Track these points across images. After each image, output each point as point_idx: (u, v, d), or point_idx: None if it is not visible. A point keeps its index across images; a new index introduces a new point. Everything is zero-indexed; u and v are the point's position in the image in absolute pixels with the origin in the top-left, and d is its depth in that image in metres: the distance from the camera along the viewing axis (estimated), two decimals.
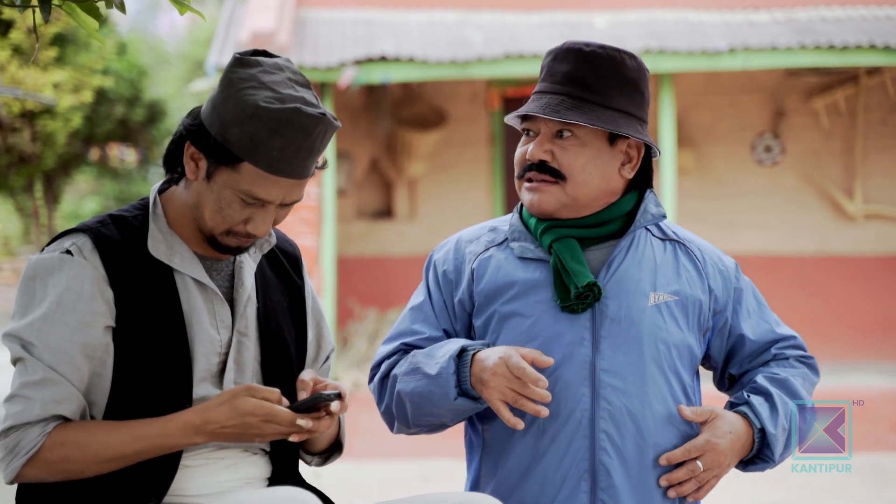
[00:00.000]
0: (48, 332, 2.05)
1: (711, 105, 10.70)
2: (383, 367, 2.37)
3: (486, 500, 2.16)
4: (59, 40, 16.37)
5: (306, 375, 2.13)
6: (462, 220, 10.56)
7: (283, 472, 2.24)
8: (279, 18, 9.35)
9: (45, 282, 2.08)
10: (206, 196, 2.12)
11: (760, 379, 2.36)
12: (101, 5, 2.24)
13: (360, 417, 8.70)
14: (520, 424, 2.17)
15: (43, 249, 2.13)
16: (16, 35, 13.06)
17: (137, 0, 26.05)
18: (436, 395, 2.24)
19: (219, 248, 2.16)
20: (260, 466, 2.22)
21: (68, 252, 2.08)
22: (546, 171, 2.31)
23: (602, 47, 2.32)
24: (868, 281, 10.60)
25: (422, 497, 2.19)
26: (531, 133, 2.35)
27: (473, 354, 2.23)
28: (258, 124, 2.05)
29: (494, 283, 2.34)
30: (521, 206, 2.42)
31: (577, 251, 2.29)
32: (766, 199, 10.70)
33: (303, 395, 2.11)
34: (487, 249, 2.39)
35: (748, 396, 2.33)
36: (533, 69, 8.91)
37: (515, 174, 2.38)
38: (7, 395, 2.06)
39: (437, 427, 2.35)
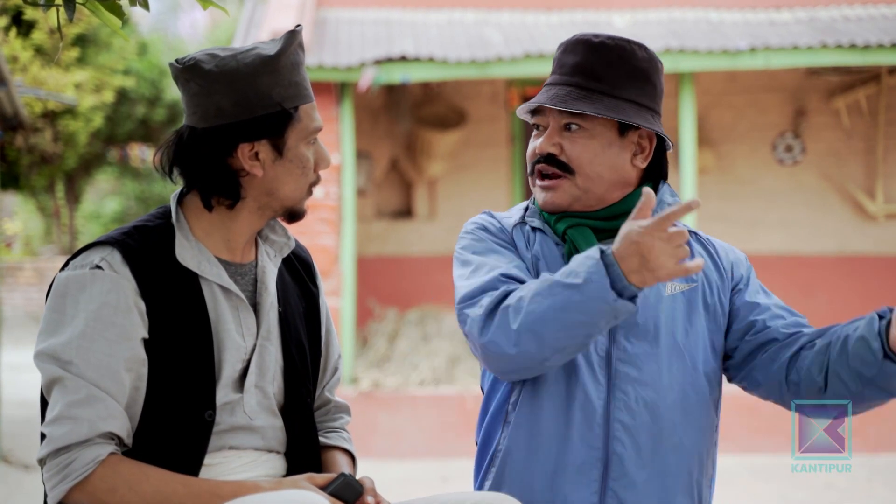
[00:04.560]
0: (88, 349, 2.02)
1: (732, 104, 10.66)
2: (487, 300, 2.17)
3: (505, 499, 2.16)
4: (81, 41, 16.43)
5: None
6: None
7: (299, 470, 2.24)
8: (299, 18, 9.36)
9: (76, 298, 2.05)
10: (284, 172, 2.14)
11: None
12: (124, 3, 2.25)
13: (380, 417, 8.71)
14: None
15: (67, 264, 2.11)
16: (38, 35, 13.12)
17: (158, 0, 26.14)
18: (587, 303, 2.05)
19: (295, 216, 2.20)
20: (276, 465, 2.23)
21: (98, 267, 2.07)
22: (554, 164, 2.30)
23: (611, 38, 2.32)
24: (890, 281, 10.55)
25: (440, 496, 2.19)
26: (541, 128, 2.35)
27: (613, 253, 2.06)
28: (284, 71, 2.10)
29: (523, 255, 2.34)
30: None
31: (591, 237, 2.28)
32: (787, 198, 10.65)
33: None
34: (518, 224, 2.37)
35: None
36: None
37: (528, 170, 2.37)
38: (51, 417, 2.02)
39: (570, 348, 2.14)
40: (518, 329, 2.11)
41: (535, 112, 2.35)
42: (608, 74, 2.29)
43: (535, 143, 2.34)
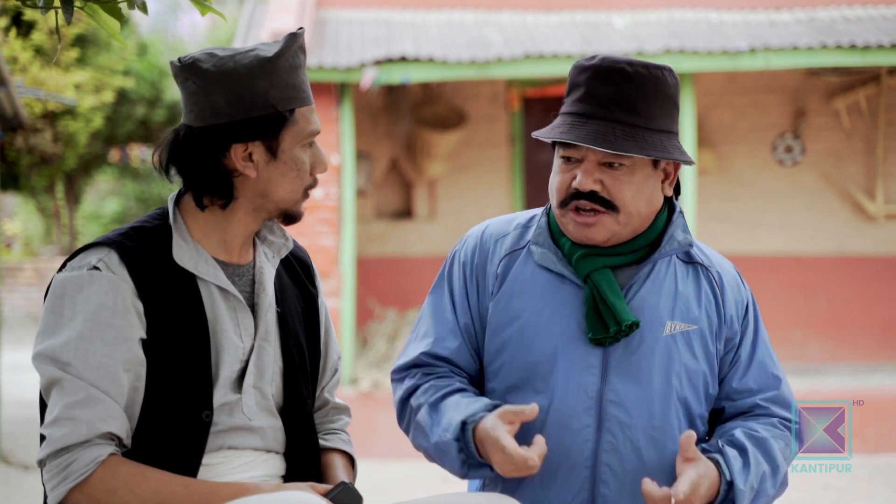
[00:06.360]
0: (86, 350, 2.03)
1: (732, 105, 10.66)
2: (404, 387, 2.38)
3: (505, 500, 2.16)
4: (81, 41, 16.43)
5: None
6: (481, 220, 10.53)
7: (298, 471, 2.25)
8: (299, 19, 9.36)
9: (73, 299, 2.06)
10: (278, 174, 2.14)
11: (739, 433, 2.26)
12: (122, 6, 2.25)
13: (380, 418, 8.70)
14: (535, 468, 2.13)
15: (65, 265, 2.11)
16: (38, 36, 13.11)
17: (158, 1, 26.14)
18: (445, 463, 2.26)
19: (290, 218, 2.20)
20: (275, 465, 2.23)
21: (96, 268, 2.07)
22: (597, 200, 2.23)
23: (645, 66, 2.23)
24: (890, 281, 10.54)
25: (440, 497, 2.19)
26: (572, 160, 2.25)
27: (474, 429, 2.18)
28: (280, 73, 2.11)
29: (510, 292, 2.31)
30: (549, 208, 2.36)
31: (614, 284, 2.24)
32: (787, 199, 10.65)
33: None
34: (512, 252, 2.34)
35: (722, 447, 2.24)
36: (553, 69, 8.90)
37: (556, 202, 2.28)
38: (50, 419, 2.02)
39: None
40: (411, 439, 2.40)
41: (566, 144, 2.26)
42: (646, 108, 2.21)
43: (568, 177, 2.25)
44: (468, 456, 2.18)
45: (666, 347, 2.25)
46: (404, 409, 2.38)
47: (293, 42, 2.13)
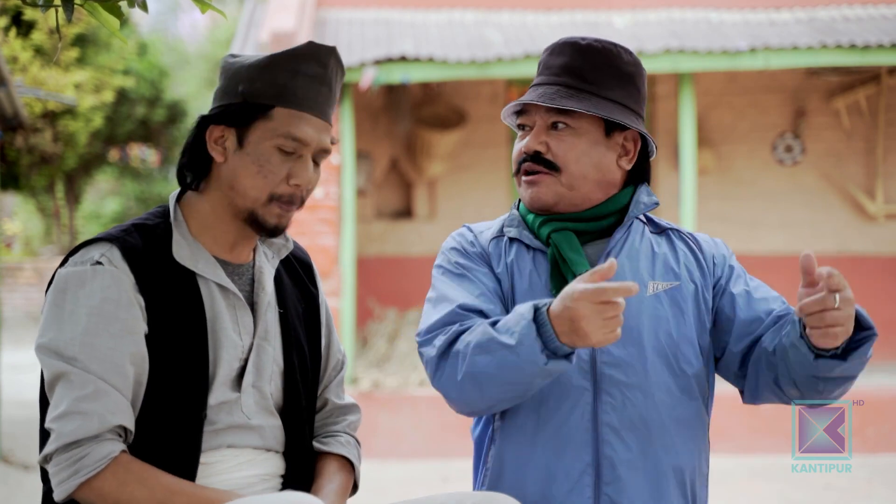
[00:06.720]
0: (92, 344, 2.03)
1: (732, 105, 10.66)
2: (441, 340, 2.19)
3: (505, 499, 2.15)
4: (81, 41, 16.44)
5: None
6: (481, 220, 10.52)
7: (297, 470, 2.26)
8: (299, 19, 9.36)
9: (76, 294, 2.07)
10: (241, 165, 2.15)
11: None
12: (122, 4, 2.26)
13: (381, 417, 8.71)
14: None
15: (66, 260, 2.13)
16: (38, 36, 13.12)
17: (158, 1, 26.15)
18: (520, 365, 2.06)
19: (260, 227, 2.17)
20: (275, 464, 2.24)
21: (98, 263, 2.08)
22: (541, 162, 2.31)
23: (598, 41, 2.35)
24: (890, 281, 10.54)
25: (440, 496, 2.19)
26: (527, 128, 2.36)
27: (547, 310, 2.03)
28: (277, 71, 2.13)
29: (502, 272, 2.34)
30: (520, 200, 2.43)
31: (574, 242, 2.29)
32: (787, 199, 10.65)
33: None
34: (496, 237, 2.39)
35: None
36: None
37: (514, 172, 2.38)
38: (57, 413, 2.02)
39: (511, 400, 2.17)
40: (462, 381, 2.14)
41: (520, 113, 2.37)
42: (595, 76, 2.31)
43: (521, 143, 2.35)
44: (546, 340, 2.02)
45: (652, 306, 2.29)
46: (446, 358, 2.18)
47: (305, 49, 2.17)
